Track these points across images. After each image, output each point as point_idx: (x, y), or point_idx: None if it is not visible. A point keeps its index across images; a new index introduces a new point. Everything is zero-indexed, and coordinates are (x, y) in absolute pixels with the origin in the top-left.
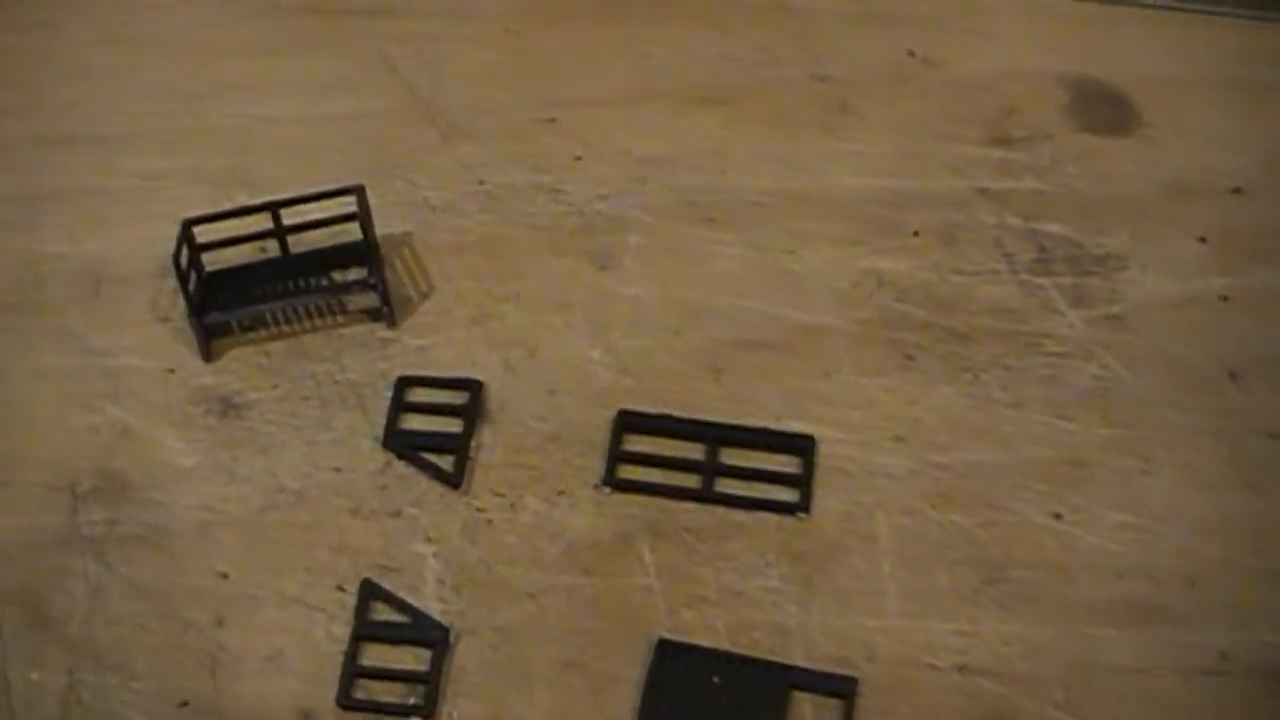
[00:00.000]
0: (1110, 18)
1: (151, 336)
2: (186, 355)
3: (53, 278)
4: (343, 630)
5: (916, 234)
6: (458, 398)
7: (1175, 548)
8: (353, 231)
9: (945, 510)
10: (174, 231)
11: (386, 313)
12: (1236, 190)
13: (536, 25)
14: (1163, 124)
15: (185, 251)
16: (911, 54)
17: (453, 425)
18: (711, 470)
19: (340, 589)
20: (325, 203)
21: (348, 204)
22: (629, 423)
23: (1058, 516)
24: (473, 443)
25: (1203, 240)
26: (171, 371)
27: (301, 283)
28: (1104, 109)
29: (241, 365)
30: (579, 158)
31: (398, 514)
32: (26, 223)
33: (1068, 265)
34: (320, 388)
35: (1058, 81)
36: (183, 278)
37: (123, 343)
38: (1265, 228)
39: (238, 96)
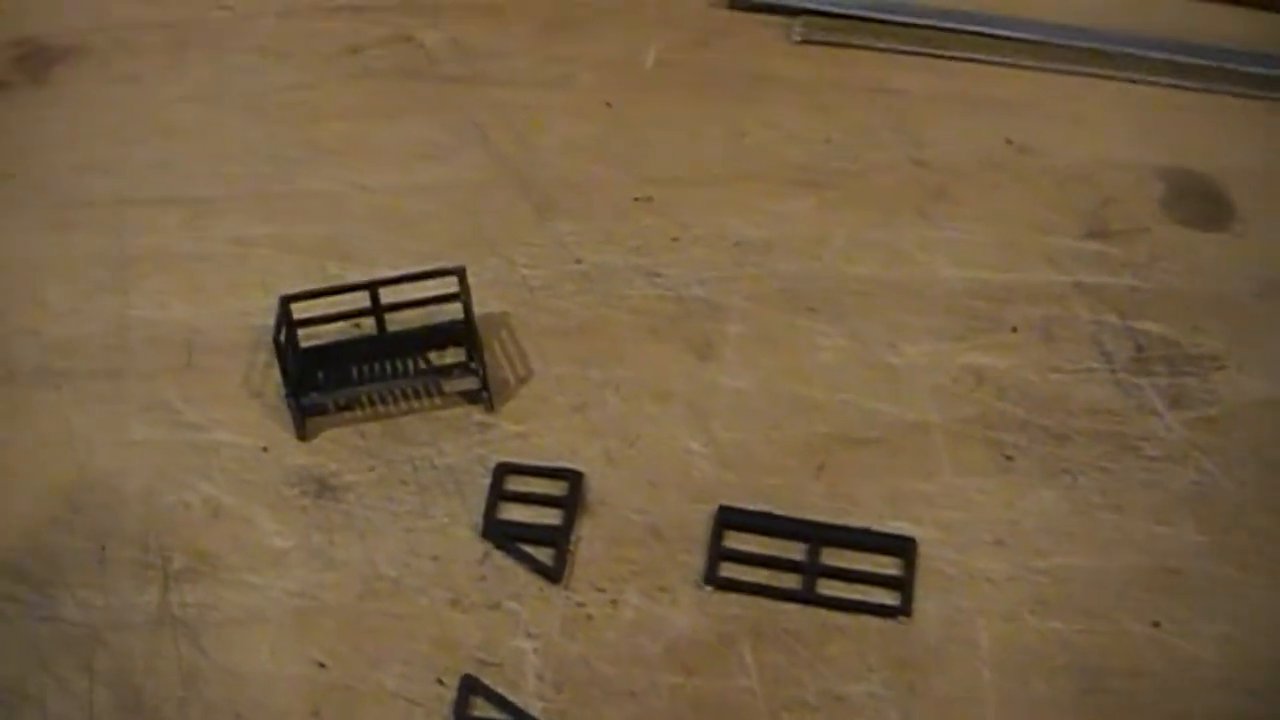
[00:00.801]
0: (1207, 106)
1: (244, 411)
2: (280, 433)
3: (143, 345)
4: None
5: (1015, 330)
6: (557, 488)
7: (1274, 660)
8: (451, 310)
9: (1044, 617)
10: (266, 301)
11: (485, 397)
12: None
13: (633, 98)
14: (1259, 218)
15: (283, 329)
16: (1009, 141)
17: (552, 516)
18: (813, 571)
19: (440, 683)
20: (425, 282)
21: (448, 283)
22: (730, 519)
23: (1156, 625)
24: (572, 535)
25: None
26: (265, 449)
27: (399, 363)
28: (1200, 202)
29: (337, 446)
30: (676, 239)
31: (497, 606)
32: (116, 285)
33: (1164, 365)
34: (417, 472)
35: (1154, 172)
36: (281, 356)
37: (215, 416)
38: None
39: (330, 162)
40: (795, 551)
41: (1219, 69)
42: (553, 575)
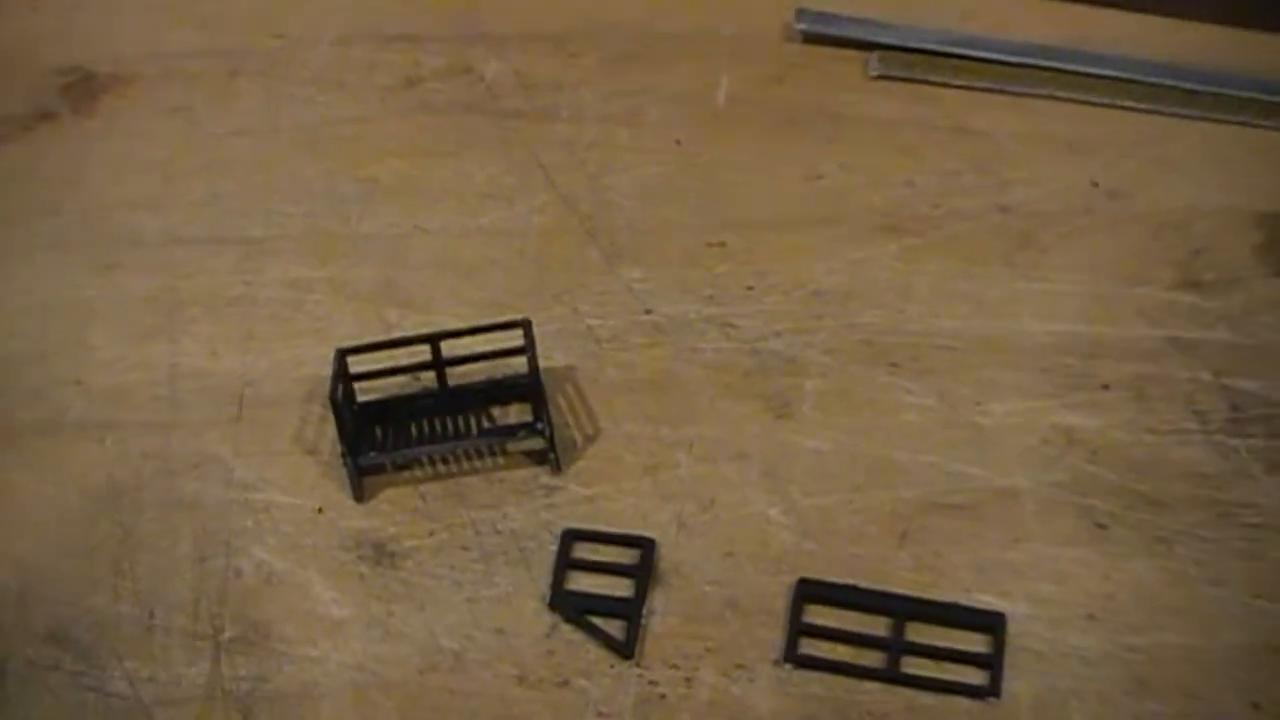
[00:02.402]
0: None
1: (298, 470)
2: (336, 493)
3: (192, 395)
4: None
5: (1106, 387)
6: (628, 556)
7: None
8: (515, 364)
9: (1140, 698)
10: (320, 351)
11: (552, 458)
12: None
13: (704, 136)
14: None
15: (340, 385)
16: (1095, 184)
17: (623, 587)
18: (898, 648)
19: None
20: (489, 335)
21: (512, 335)
22: (811, 592)
23: (1257, 707)
24: (644, 608)
25: None
26: (320, 511)
27: (460, 420)
28: None
29: (395, 508)
30: (751, 288)
31: (565, 684)
32: (165, 331)
33: (1261, 426)
34: (480, 537)
35: (1249, 220)
36: (337, 414)
37: (267, 475)
38: None
39: (388, 201)
40: (879, 627)
41: None
42: (624, 651)
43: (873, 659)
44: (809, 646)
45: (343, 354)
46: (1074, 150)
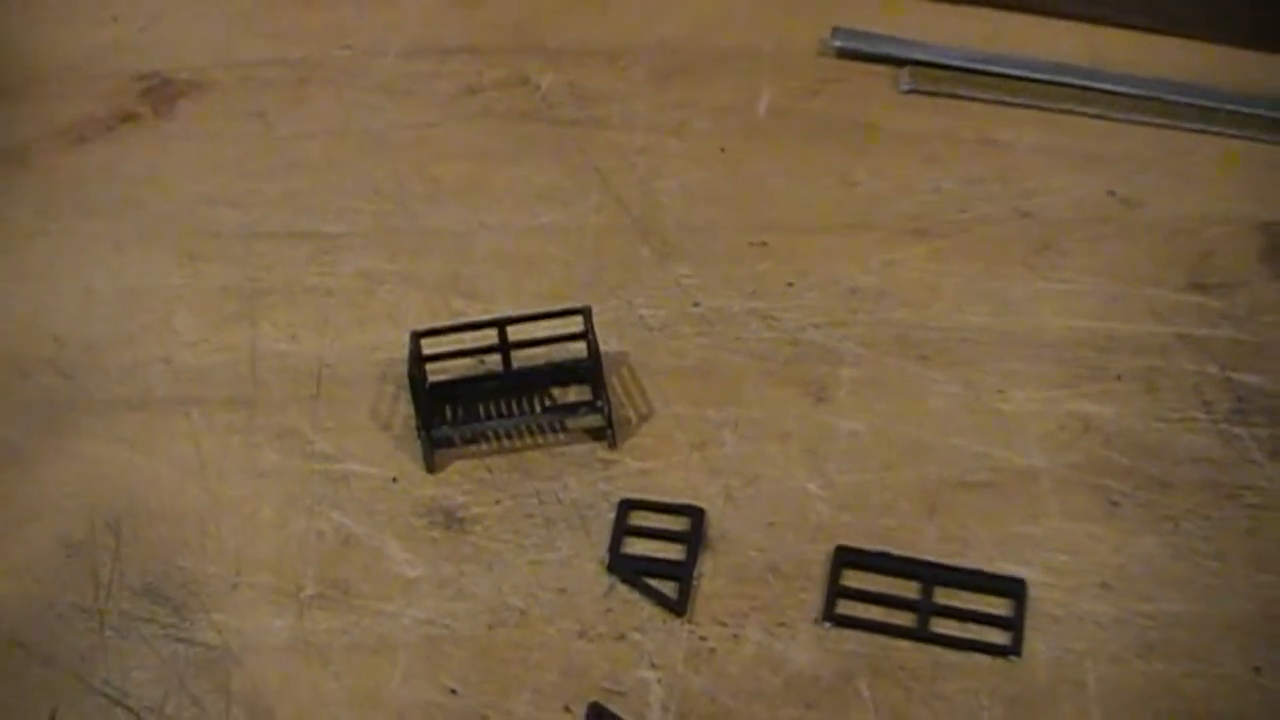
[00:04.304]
0: None
1: (374, 443)
2: (409, 464)
3: (273, 375)
4: None
5: (1119, 378)
6: (680, 524)
7: None
8: (574, 349)
9: (1149, 660)
10: (393, 335)
11: (610, 434)
12: None
13: (748, 146)
14: None
15: (415, 363)
16: (1112, 193)
17: (675, 552)
18: (927, 609)
19: (567, 710)
20: (551, 321)
21: (573, 323)
22: (847, 558)
23: (1257, 670)
24: (695, 570)
25: None
26: (395, 480)
27: (524, 399)
28: None
29: (464, 479)
30: (791, 284)
31: (622, 638)
32: (246, 316)
33: (1264, 416)
34: (543, 506)
35: (1255, 228)
36: (414, 390)
37: (345, 447)
38: None
39: (452, 200)
40: (910, 590)
41: None
42: (676, 608)
43: (903, 619)
44: (845, 607)
45: (417, 336)
46: (1092, 162)
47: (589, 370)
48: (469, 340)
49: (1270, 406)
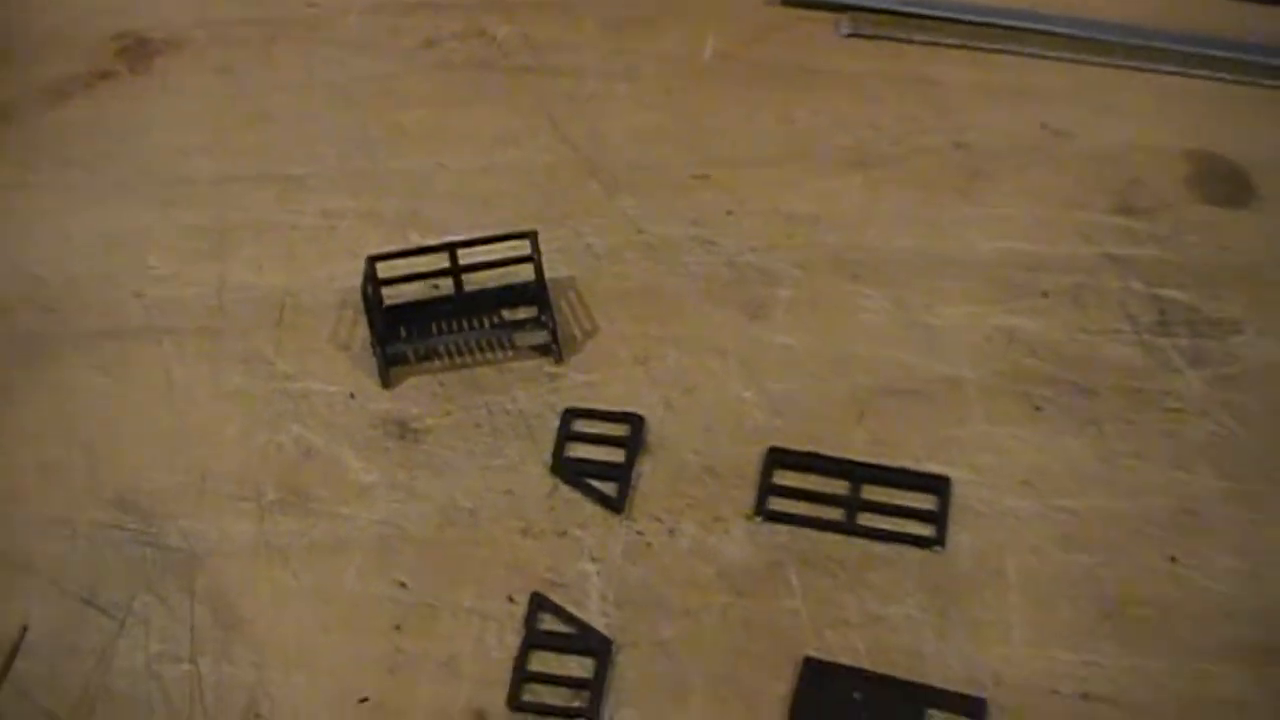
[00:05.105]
0: (1233, 96)
1: (333, 363)
2: (366, 382)
3: (240, 305)
4: (513, 639)
5: (1046, 295)
6: (620, 430)
7: None
8: (523, 273)
9: (1069, 551)
10: (353, 267)
11: (555, 349)
12: None
13: (693, 89)
14: (1279, 198)
15: (370, 285)
16: (1044, 126)
17: (615, 455)
18: (855, 505)
19: (511, 601)
20: (499, 245)
21: (520, 247)
22: (779, 459)
23: (1173, 559)
24: (634, 472)
25: None
26: (352, 396)
27: (475, 320)
28: (1223, 182)
29: (418, 393)
30: (731, 213)
31: (564, 534)
32: (215, 254)
33: (1186, 328)
34: (492, 417)
35: (1181, 156)
36: (368, 309)
37: (306, 368)
38: None
39: (413, 144)
40: (838, 488)
41: (1245, 62)
42: (616, 506)
43: (832, 514)
44: (777, 504)
45: (373, 260)
46: (1025, 97)
47: (536, 292)
48: (422, 265)
49: (1192, 319)
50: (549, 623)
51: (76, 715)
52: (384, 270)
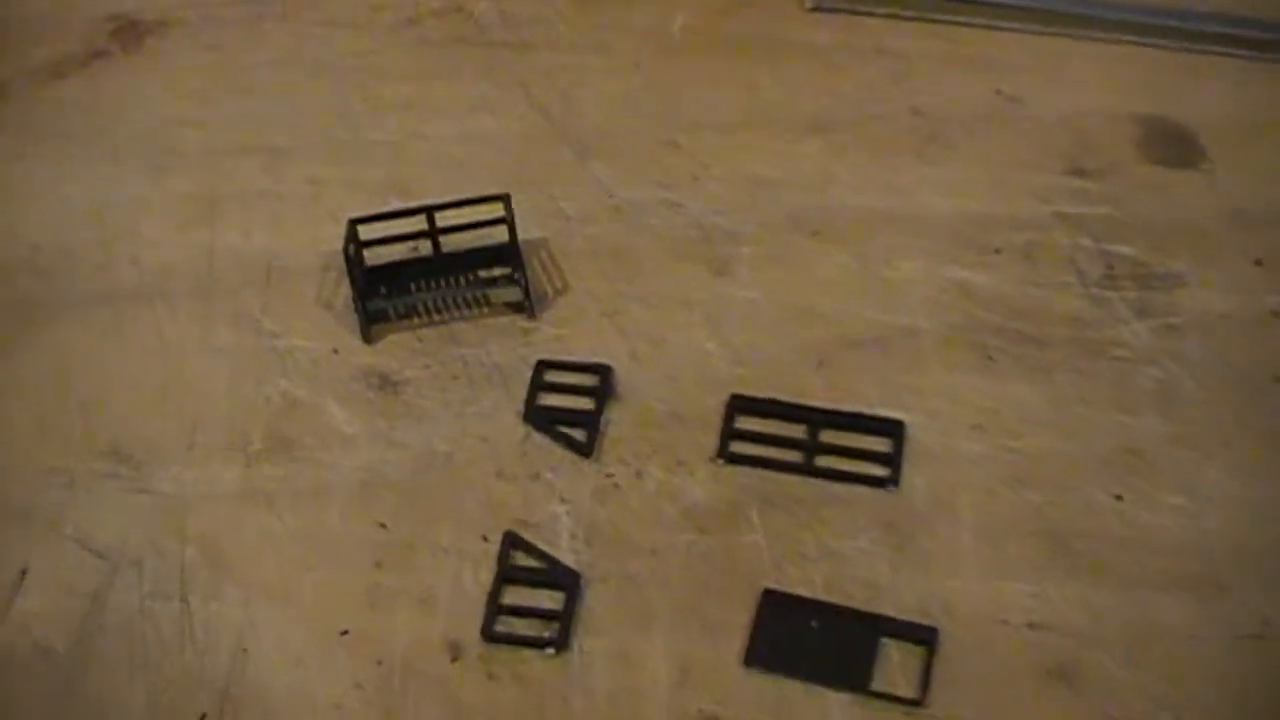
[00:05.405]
0: (1181, 63)
1: (317, 321)
2: (348, 338)
3: (229, 267)
4: (487, 575)
5: (998, 251)
6: (590, 380)
7: (1225, 529)
8: (498, 235)
9: (1018, 490)
10: (336, 231)
11: (528, 305)
12: None
13: (662, 62)
14: (1225, 159)
15: (351, 245)
16: (998, 92)
17: (585, 403)
18: (813, 448)
19: (485, 539)
20: (474, 208)
21: (494, 209)
22: (740, 405)
23: (1118, 498)
24: (602, 419)
25: (1258, 263)
26: (335, 351)
27: (452, 279)
28: (1172, 144)
29: (398, 348)
30: (697, 177)
31: (536, 477)
32: (205, 220)
33: (1133, 282)
34: (468, 369)
35: (1131, 120)
36: (350, 268)
37: (291, 325)
38: None
39: (393, 116)
40: (797, 433)
41: (1194, 31)
42: (584, 451)
43: (792, 457)
44: (738, 448)
45: (354, 222)
46: (981, 66)
47: (510, 252)
48: (402, 227)
49: (1139, 273)
50: (521, 559)
51: (74, 651)
52: (365, 233)
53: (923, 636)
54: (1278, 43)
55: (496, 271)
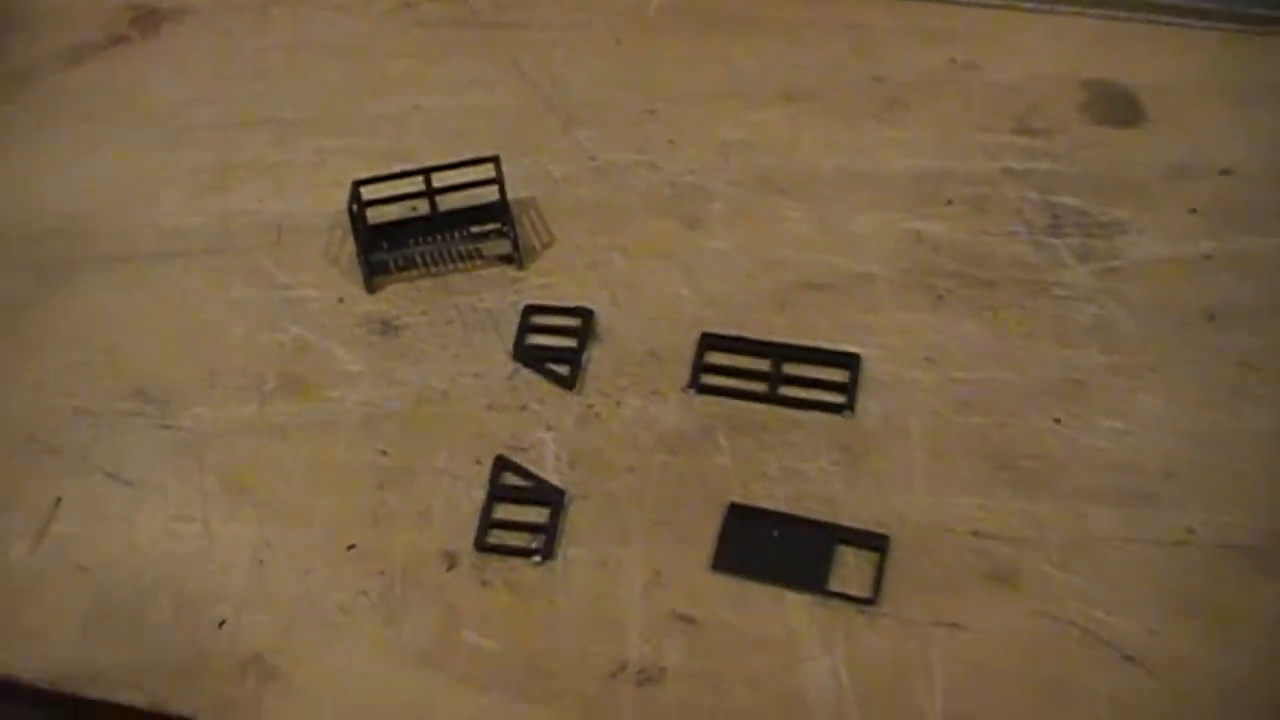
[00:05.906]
0: (1124, 31)
1: (324, 274)
2: (353, 288)
3: (243, 229)
4: (479, 494)
5: (950, 203)
6: (573, 322)
7: (1156, 449)
8: (489, 194)
9: (965, 415)
10: (342, 195)
11: (517, 257)
12: (1225, 172)
13: (642, 37)
14: (1165, 119)
15: (355, 204)
16: (953, 61)
17: (569, 343)
18: (775, 379)
19: (478, 462)
20: (468, 170)
21: (486, 170)
22: (710, 343)
23: (1058, 421)
24: (584, 356)
25: (1193, 211)
26: (341, 301)
27: (447, 234)
28: (1115, 106)
29: (398, 297)
30: (673, 142)
31: (524, 408)
32: (220, 188)
33: (1077, 229)
34: (462, 314)
35: (1077, 84)
36: (354, 225)
37: (301, 278)
38: (1247, 202)
39: (395, 91)
40: (762, 366)
41: (1142, 1)
42: (568, 384)
43: (757, 388)
44: (708, 379)
45: (357, 184)
46: (939, 37)
47: (500, 209)
48: (401, 188)
49: (1082, 222)
50: (510, 480)
51: (105, 568)
52: (368, 194)
53: (875, 543)
54: (1220, 11)
55: (488, 227)
